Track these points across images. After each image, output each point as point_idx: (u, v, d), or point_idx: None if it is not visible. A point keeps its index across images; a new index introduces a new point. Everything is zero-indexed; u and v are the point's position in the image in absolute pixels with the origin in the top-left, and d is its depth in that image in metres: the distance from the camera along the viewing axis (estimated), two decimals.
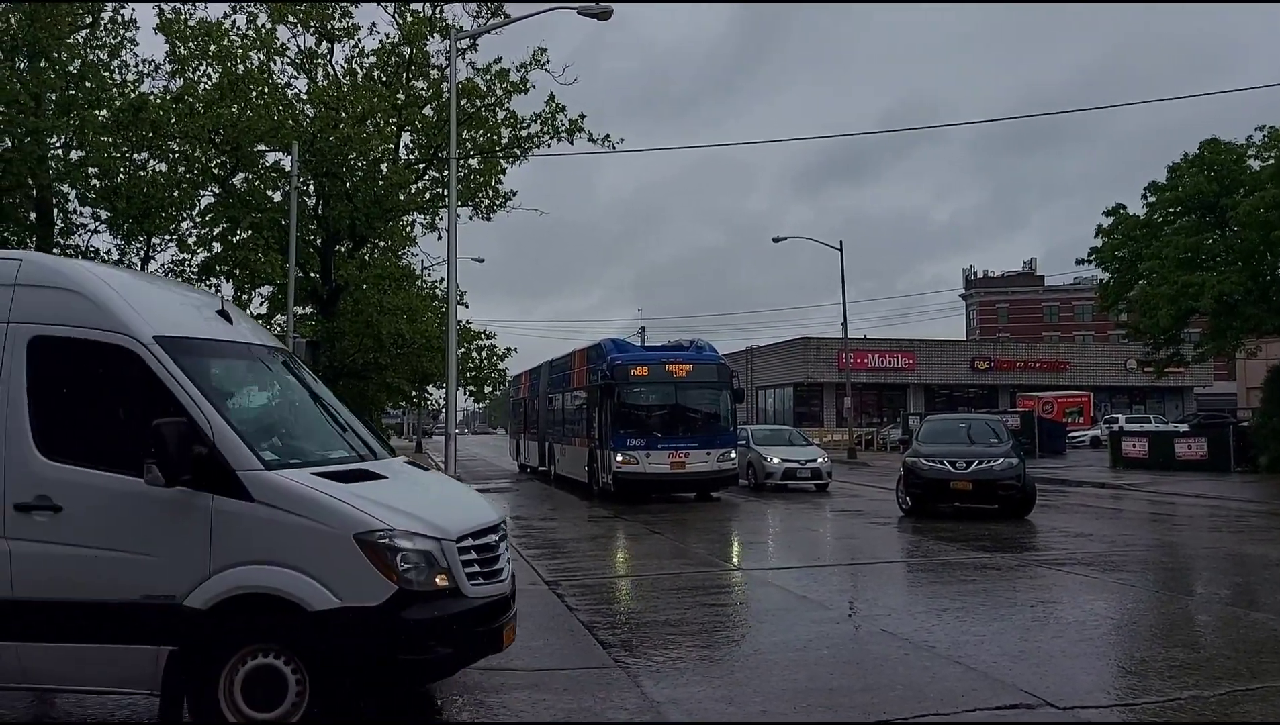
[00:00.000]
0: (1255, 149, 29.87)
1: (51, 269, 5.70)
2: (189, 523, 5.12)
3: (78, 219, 21.48)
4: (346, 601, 5.00)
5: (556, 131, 23.68)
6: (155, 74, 21.52)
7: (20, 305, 5.41)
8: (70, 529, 5.15)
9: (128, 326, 5.42)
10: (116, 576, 5.11)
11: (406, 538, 5.18)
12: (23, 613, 5.09)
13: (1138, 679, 6.73)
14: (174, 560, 5.11)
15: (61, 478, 5.20)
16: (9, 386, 5.31)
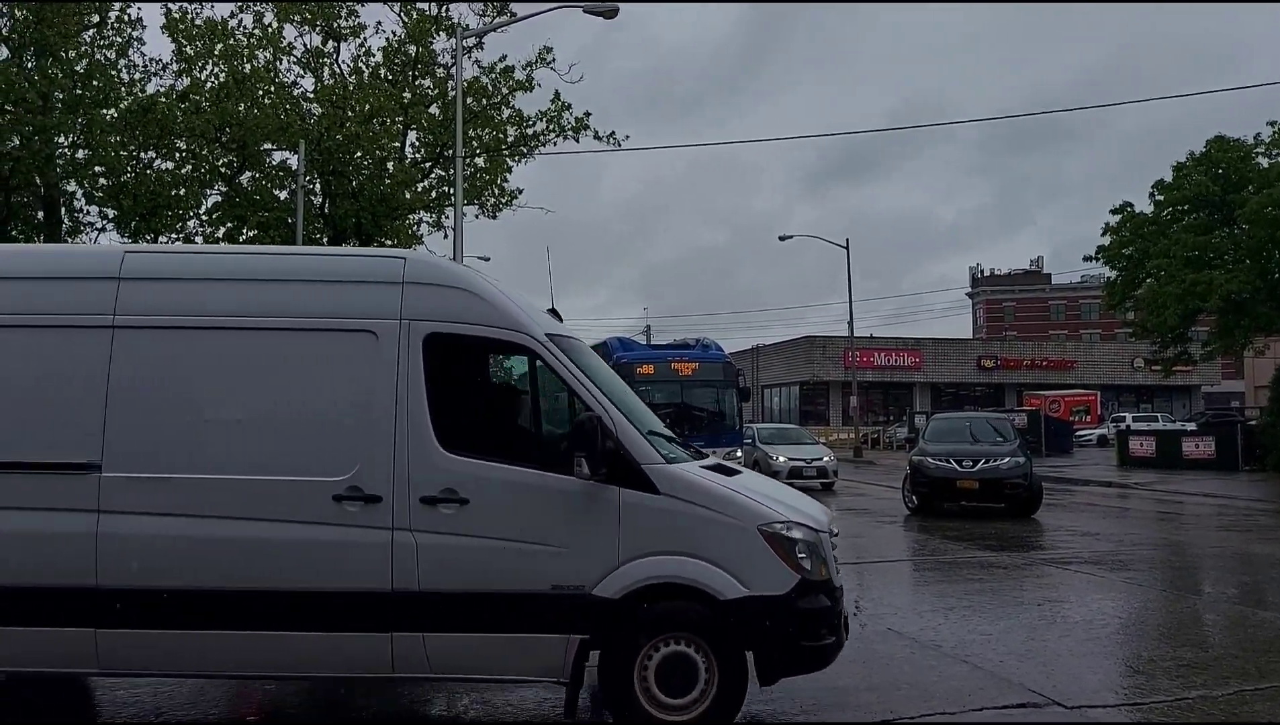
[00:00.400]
0: (1264, 146, 29.76)
1: (440, 268, 5.86)
2: (597, 515, 5.23)
3: (84, 217, 21.61)
4: (754, 590, 5.16)
5: (562, 130, 23.71)
6: (162, 73, 21.63)
7: (411, 303, 5.46)
8: (478, 521, 5.24)
9: (523, 325, 5.54)
10: (525, 567, 5.19)
11: (799, 529, 5.36)
12: (430, 604, 5.18)
13: (1145, 678, 6.70)
14: (583, 551, 5.21)
15: (467, 471, 5.28)
16: (408, 383, 5.34)
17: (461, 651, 5.24)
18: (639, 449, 5.32)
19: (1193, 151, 31.36)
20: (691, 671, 5.17)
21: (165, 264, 5.74)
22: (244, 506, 5.21)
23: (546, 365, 5.49)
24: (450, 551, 5.20)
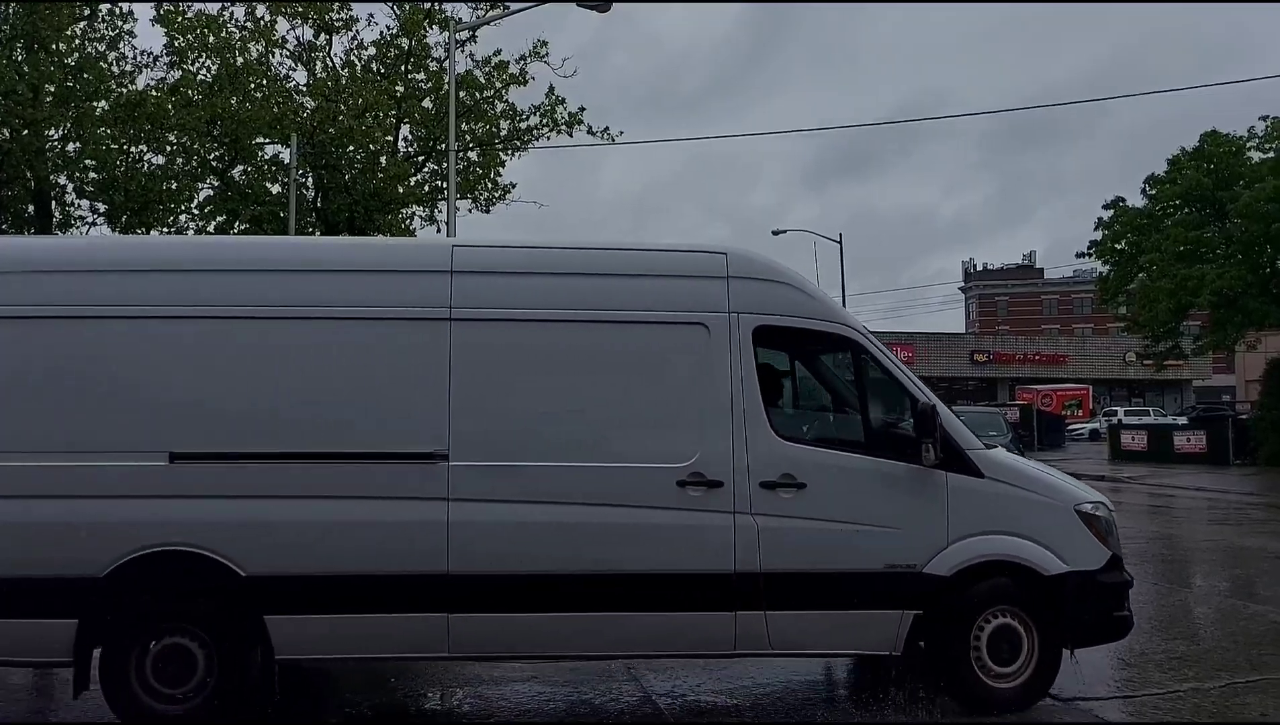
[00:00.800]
0: (1256, 140, 29.85)
1: (761, 262, 6.04)
2: (927, 498, 5.59)
3: (76, 211, 21.50)
4: (1073, 566, 5.58)
5: (556, 124, 23.65)
6: (153, 66, 21.50)
7: (738, 296, 5.69)
8: (814, 505, 5.52)
9: (845, 318, 6.02)
10: (860, 547, 5.50)
11: (1102, 509, 5.86)
12: (772, 584, 5.43)
13: (1137, 671, 6.73)
14: (914, 532, 5.55)
15: (802, 457, 5.61)
16: (742, 373, 5.59)
17: (800, 629, 5.52)
18: (961, 435, 5.74)
19: (1184, 146, 31.45)
20: (1017, 642, 5.58)
21: (495, 258, 5.86)
22: (588, 492, 5.41)
23: (870, 357, 5.86)
24: (789, 533, 5.47)
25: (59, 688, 6.03)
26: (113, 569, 5.10)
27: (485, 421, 5.44)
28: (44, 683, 6.39)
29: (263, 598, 5.21)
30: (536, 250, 5.98)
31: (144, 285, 5.46)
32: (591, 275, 5.77)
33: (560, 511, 5.38)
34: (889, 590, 5.47)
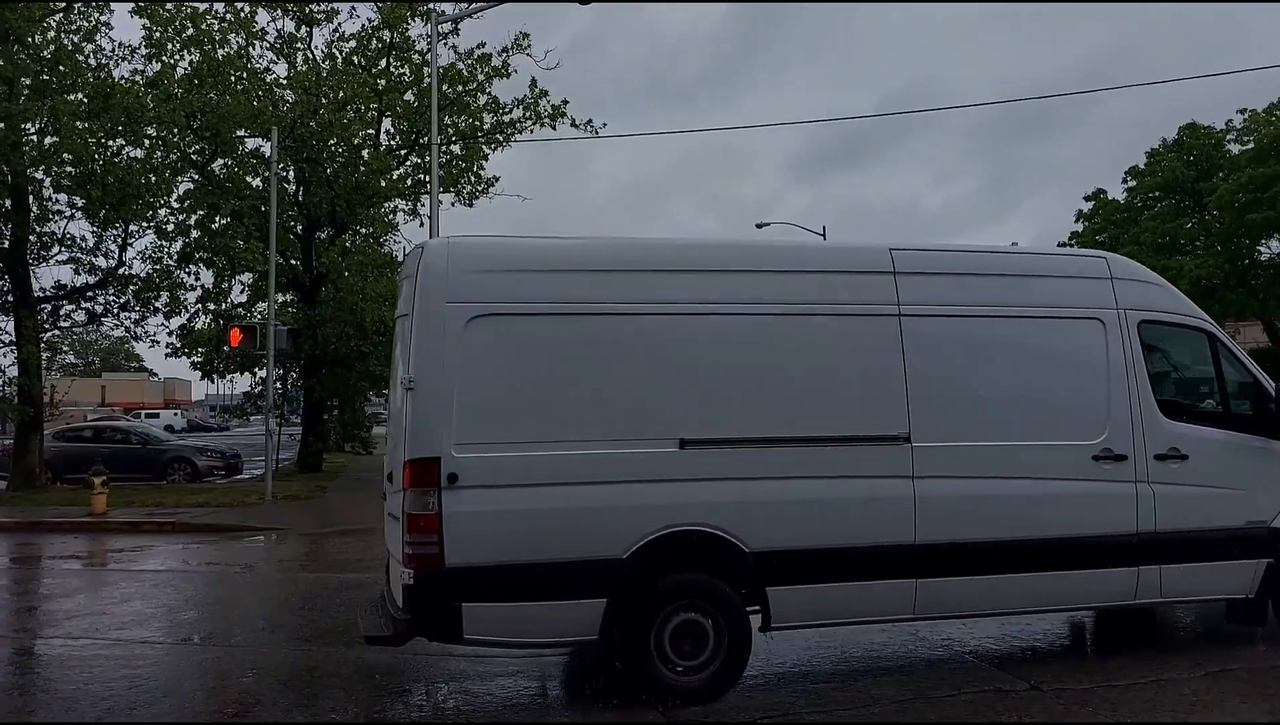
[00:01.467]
0: (1235, 133, 30.09)
1: (1134, 266, 7.24)
2: (1274, 465, 6.86)
3: (53, 206, 21.17)
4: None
5: (539, 117, 23.50)
6: (131, 58, 21.20)
7: (1122, 295, 6.74)
8: (1194, 473, 6.63)
9: (1201, 313, 7.12)
10: (1227, 508, 6.68)
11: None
12: (1165, 542, 6.49)
13: (1120, 661, 6.77)
14: (1266, 494, 6.78)
15: (1184, 433, 6.72)
16: (1133, 361, 6.66)
17: (1185, 579, 6.60)
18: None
19: (1165, 138, 31.68)
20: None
21: (927, 260, 6.61)
22: (1024, 467, 6.31)
23: (1223, 347, 7.02)
24: (1177, 498, 6.56)
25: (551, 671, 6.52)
26: (634, 550, 5.62)
27: (937, 407, 6.23)
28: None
29: (764, 571, 5.85)
30: (961, 254, 6.84)
31: (656, 285, 6.02)
32: (1008, 276, 6.71)
33: (1001, 485, 6.27)
34: (1248, 543, 6.66)
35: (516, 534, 5.53)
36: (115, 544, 13.81)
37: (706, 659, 5.74)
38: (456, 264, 5.78)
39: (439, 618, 5.47)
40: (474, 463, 5.47)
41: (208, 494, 19.32)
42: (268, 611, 9.17)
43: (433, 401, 5.52)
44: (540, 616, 5.58)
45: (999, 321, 6.52)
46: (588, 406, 5.74)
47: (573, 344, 5.79)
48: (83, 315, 22.35)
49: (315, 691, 6.23)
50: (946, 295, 6.45)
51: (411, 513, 5.44)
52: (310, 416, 27.45)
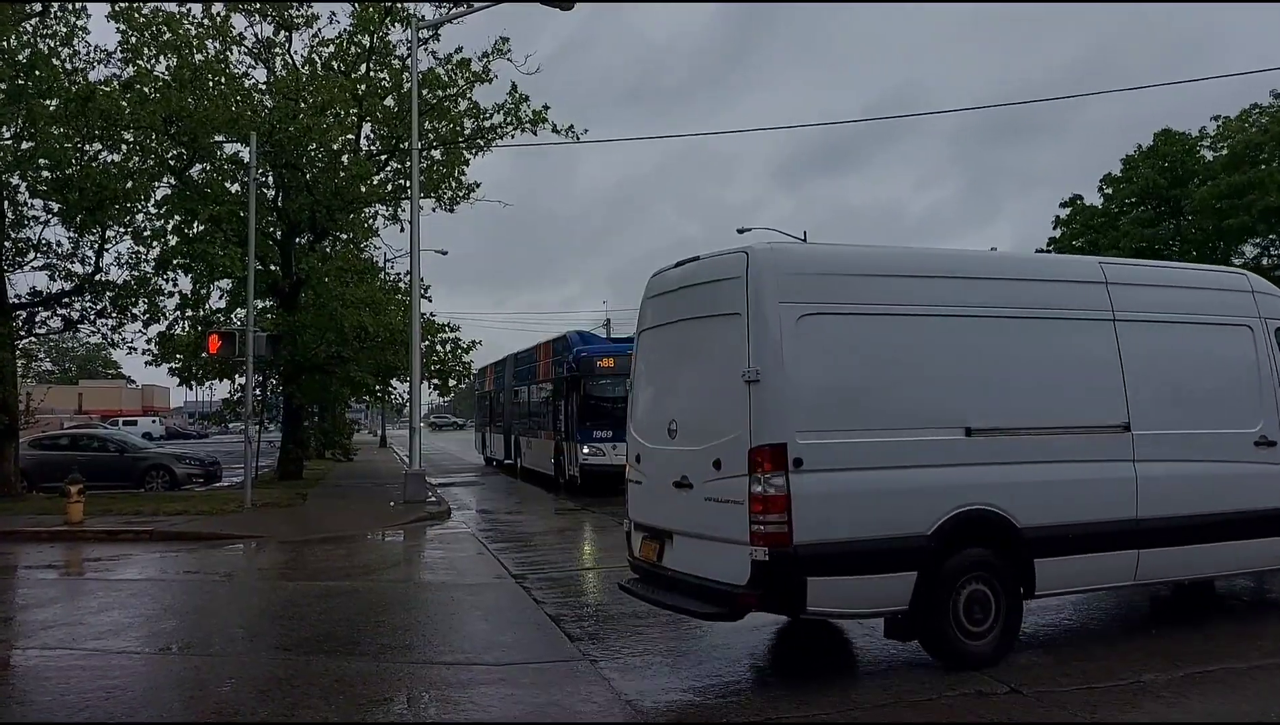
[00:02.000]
0: (1210, 139, 30.47)
1: (1263, 282, 8.58)
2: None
3: (29, 211, 20.93)
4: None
5: (520, 122, 23.43)
6: (108, 62, 21.01)
7: (1261, 306, 8.09)
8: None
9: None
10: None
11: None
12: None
13: (1101, 664, 6.81)
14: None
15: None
16: (1273, 361, 7.95)
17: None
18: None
19: (1140, 145, 32.03)
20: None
21: (1129, 272, 7.95)
22: (1206, 451, 7.48)
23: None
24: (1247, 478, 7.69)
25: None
26: (936, 527, 6.37)
27: (1146, 399, 7.28)
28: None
29: (1032, 545, 6.69)
30: (1153, 268, 8.40)
31: (953, 290, 6.92)
32: (1186, 287, 7.94)
33: (1194, 467, 7.39)
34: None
35: (848, 514, 6.21)
36: (92, 553, 13.65)
37: (989, 626, 6.56)
38: (784, 268, 6.51)
39: (786, 591, 6.08)
40: (814, 448, 6.13)
41: (186, 502, 19.14)
42: (247, 620, 9.09)
43: (774, 392, 6.15)
44: (866, 588, 6.28)
45: (1183, 326, 7.68)
46: (898, 397, 6.54)
47: (884, 341, 6.59)
48: (59, 322, 22.11)
49: (295, 701, 6.17)
50: (1145, 303, 7.55)
51: (764, 494, 6.03)
52: (290, 423, 27.26)
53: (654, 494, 7.26)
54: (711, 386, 6.68)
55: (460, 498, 21.97)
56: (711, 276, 6.84)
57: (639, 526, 7.50)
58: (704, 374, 6.87)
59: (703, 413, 6.82)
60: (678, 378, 7.31)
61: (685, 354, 7.21)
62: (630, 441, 7.84)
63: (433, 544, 14.58)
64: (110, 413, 73.40)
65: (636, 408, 7.86)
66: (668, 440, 7.09)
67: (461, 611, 9.38)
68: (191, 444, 48.96)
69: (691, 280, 7.12)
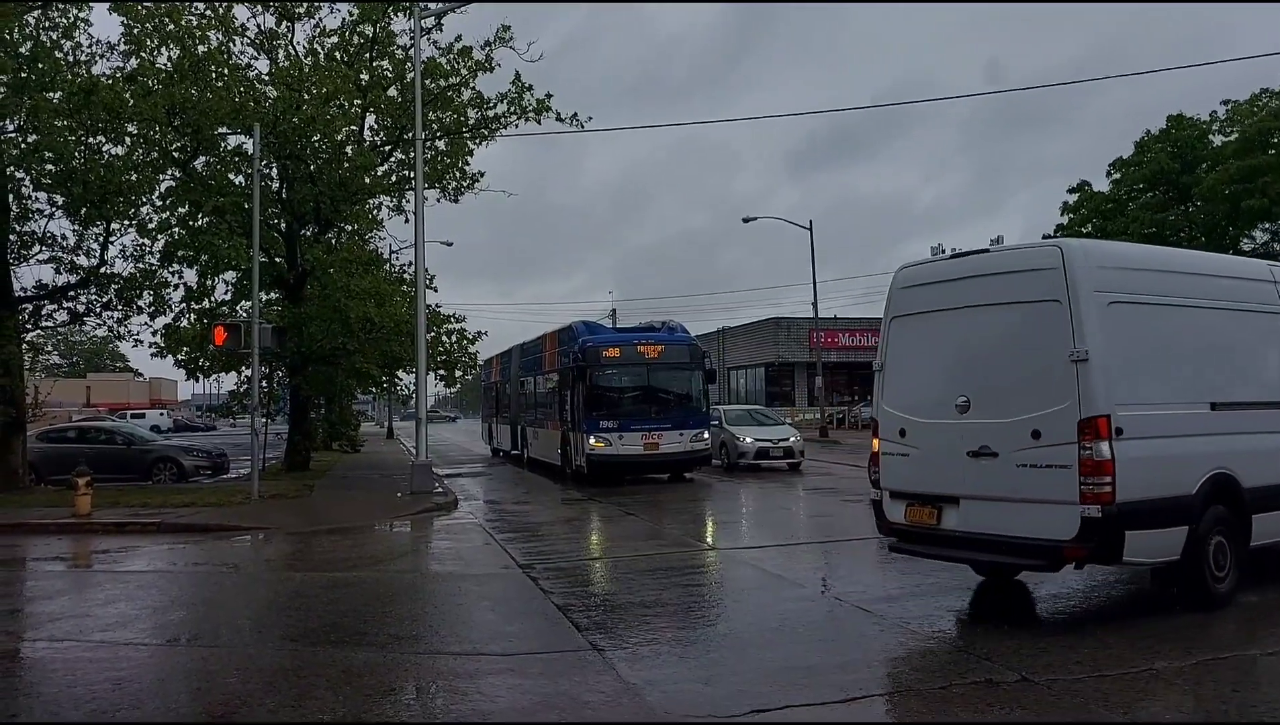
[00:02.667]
0: (1220, 124, 30.21)
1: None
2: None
3: (33, 204, 20.91)
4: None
5: (524, 111, 23.34)
6: (110, 54, 20.95)
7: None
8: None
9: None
10: None
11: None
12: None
13: (1113, 651, 6.76)
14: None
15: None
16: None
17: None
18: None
19: (1149, 130, 31.79)
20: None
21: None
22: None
23: None
24: None
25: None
26: (1198, 487, 7.57)
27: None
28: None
29: (1252, 503, 7.95)
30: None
31: (1216, 287, 8.32)
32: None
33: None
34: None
35: (1150, 476, 7.26)
36: (100, 545, 13.67)
37: (1227, 572, 7.74)
38: (1095, 261, 7.56)
39: (1109, 544, 7.09)
40: (1129, 419, 7.19)
41: (194, 494, 19.17)
42: (254, 611, 9.08)
43: (1100, 370, 7.17)
44: (1159, 541, 7.35)
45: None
46: (1172, 375, 7.78)
47: (1164, 326, 7.76)
48: (64, 315, 22.10)
49: (302, 692, 6.15)
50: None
51: (1094, 460, 7.05)
52: (296, 415, 27.27)
53: (932, 464, 8.22)
54: (1022, 365, 7.69)
55: (467, 488, 21.98)
56: (1016, 267, 7.87)
57: (902, 494, 8.50)
58: (1010, 354, 7.84)
59: (1010, 389, 7.77)
60: (969, 358, 8.14)
61: (977, 337, 8.10)
62: (888, 417, 8.76)
63: (440, 534, 14.57)
64: (118, 406, 73.64)
65: (898, 386, 8.78)
66: (956, 415, 8.00)
67: (469, 602, 9.36)
68: (199, 436, 49.08)
69: (985, 270, 8.15)
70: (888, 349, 8.87)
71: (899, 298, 8.80)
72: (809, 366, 51.88)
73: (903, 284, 8.79)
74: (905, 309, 8.73)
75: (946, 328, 8.33)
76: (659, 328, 23.36)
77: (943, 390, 8.18)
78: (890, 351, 8.84)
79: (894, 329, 8.83)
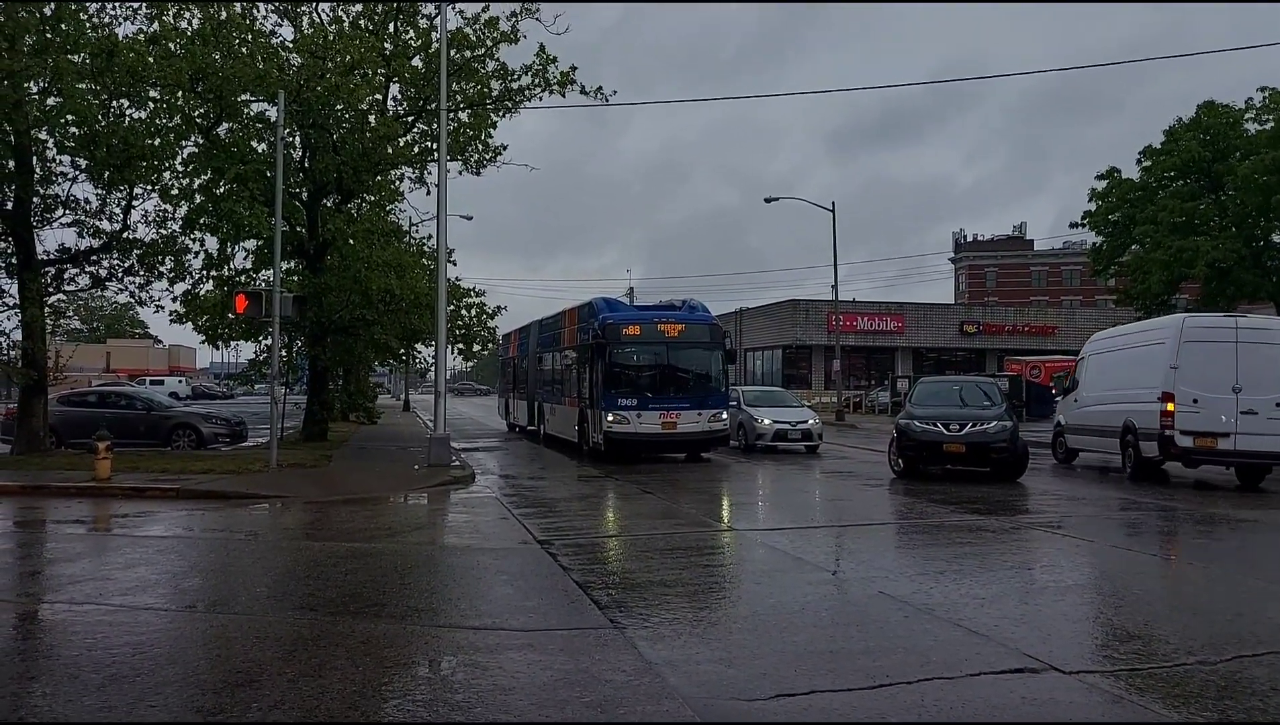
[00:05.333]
0: (1255, 111, 29.62)
1: None
2: None
3: (57, 167, 20.91)
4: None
5: (548, 84, 23.14)
6: (134, 18, 20.85)
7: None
8: None
9: None
10: None
11: None
12: None
13: (1142, 643, 6.63)
14: None
15: None
16: None
17: None
18: None
19: (1181, 117, 31.22)
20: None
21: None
22: None
23: None
24: None
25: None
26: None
27: None
28: None
29: None
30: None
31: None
32: None
33: None
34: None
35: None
36: (119, 509, 13.72)
37: None
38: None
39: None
40: None
41: (212, 461, 19.23)
42: (272, 579, 9.06)
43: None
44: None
45: None
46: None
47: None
48: (86, 279, 22.16)
49: (322, 662, 6.10)
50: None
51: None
52: (315, 385, 27.33)
53: (1213, 418, 16.07)
54: (1272, 372, 15.86)
55: (484, 463, 21.96)
56: (1267, 326, 15.37)
57: (1191, 433, 16.18)
58: (1266, 367, 16.05)
59: (1263, 382, 15.99)
60: (1239, 365, 16.07)
61: (1245, 355, 16.17)
62: (1183, 393, 16.24)
63: (457, 508, 14.54)
64: (137, 372, 74.24)
65: (1192, 377, 16.36)
66: (1232, 393, 15.99)
67: (488, 576, 9.30)
68: (217, 404, 49.35)
69: (1247, 325, 15.60)
70: (1179, 355, 16.35)
71: (1189, 332, 16.47)
72: (827, 349, 51.59)
73: (1191, 324, 16.69)
74: (1193, 338, 16.42)
75: (1223, 349, 16.16)
76: (679, 306, 23.20)
77: (1220, 380, 16.01)
78: (1183, 357, 16.34)
79: (1185, 347, 16.37)
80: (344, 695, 5.47)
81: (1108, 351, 19.66)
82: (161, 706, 5.26)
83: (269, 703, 5.31)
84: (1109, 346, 19.75)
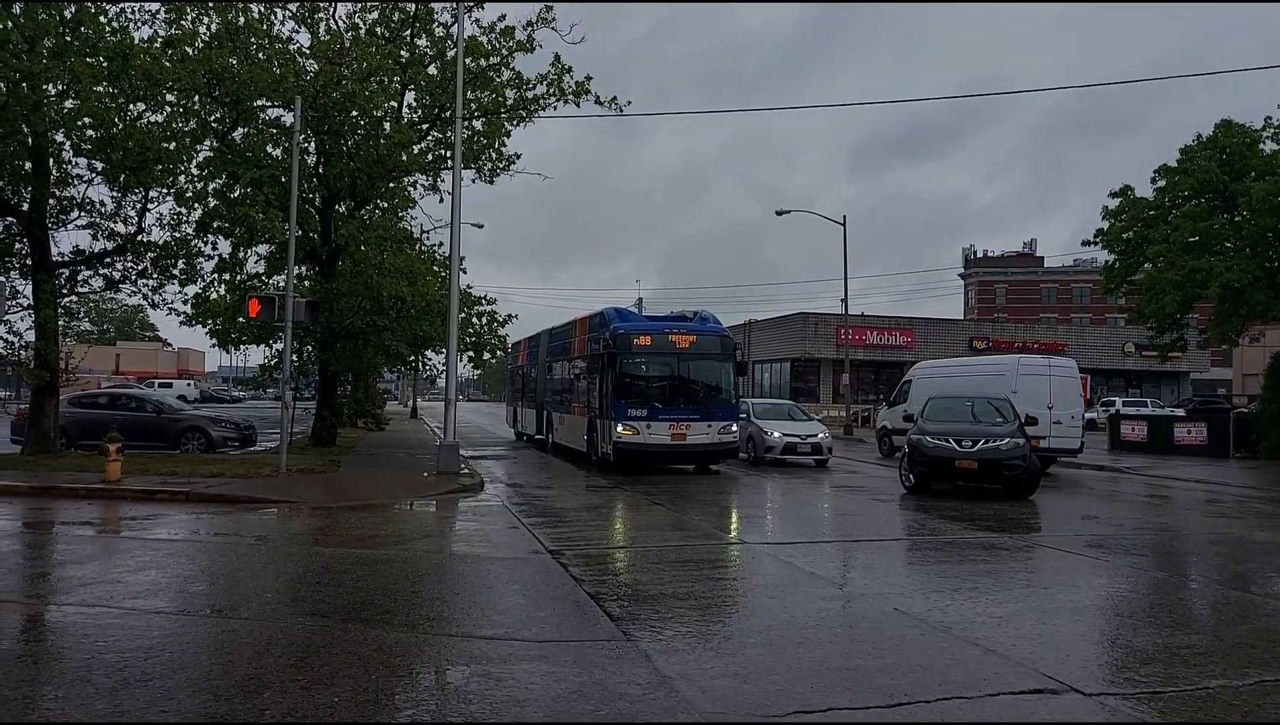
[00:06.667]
0: (1272, 131, 29.48)
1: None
2: None
3: (73, 169, 21.00)
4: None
5: (563, 93, 23.14)
6: (152, 22, 20.95)
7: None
8: None
9: None
10: None
11: None
12: None
13: (1162, 665, 6.55)
14: None
15: None
16: None
17: None
18: None
19: (1199, 134, 31.08)
20: None
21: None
22: None
23: None
24: None
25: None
26: None
27: None
28: None
29: None
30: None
31: None
32: None
33: None
34: None
35: None
36: (129, 512, 13.71)
37: None
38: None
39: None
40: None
41: (221, 464, 19.23)
42: (282, 585, 9.02)
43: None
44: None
45: None
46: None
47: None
48: (100, 281, 22.22)
49: (335, 669, 6.05)
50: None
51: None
52: (325, 390, 27.34)
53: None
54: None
55: (492, 471, 21.92)
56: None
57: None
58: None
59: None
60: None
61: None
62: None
63: (466, 516, 14.49)
64: (146, 374, 74.50)
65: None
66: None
67: (499, 585, 9.25)
68: (225, 408, 49.41)
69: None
70: (1017, 382, 20.51)
71: (1022, 367, 20.79)
72: (835, 363, 51.44)
73: (1023, 362, 21.49)
74: (1024, 372, 20.31)
75: (1040, 380, 20.03)
76: (690, 317, 23.16)
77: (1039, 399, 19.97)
78: (1019, 385, 20.06)
79: (1020, 378, 20.18)
80: (357, 704, 5.43)
81: (939, 376, 26.34)
82: (174, 712, 5.22)
83: (282, 710, 5.27)
84: (938, 372, 26.94)
